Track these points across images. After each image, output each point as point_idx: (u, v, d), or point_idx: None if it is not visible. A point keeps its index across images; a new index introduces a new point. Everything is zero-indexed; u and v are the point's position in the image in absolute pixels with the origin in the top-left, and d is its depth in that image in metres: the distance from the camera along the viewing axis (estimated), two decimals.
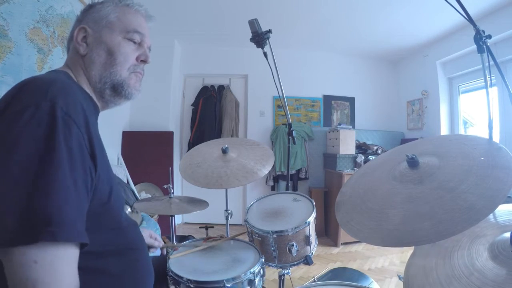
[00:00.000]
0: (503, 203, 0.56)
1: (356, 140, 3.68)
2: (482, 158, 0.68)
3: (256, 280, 0.94)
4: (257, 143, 1.57)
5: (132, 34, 0.69)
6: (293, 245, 1.09)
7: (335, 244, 3.26)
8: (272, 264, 1.15)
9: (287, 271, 1.17)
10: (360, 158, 3.43)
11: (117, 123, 3.36)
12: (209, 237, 1.18)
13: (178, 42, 3.84)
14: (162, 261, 1.00)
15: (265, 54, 1.43)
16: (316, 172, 3.99)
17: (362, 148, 3.75)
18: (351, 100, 4.27)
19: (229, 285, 0.87)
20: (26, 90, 0.51)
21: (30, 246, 0.43)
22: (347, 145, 3.47)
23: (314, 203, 1.23)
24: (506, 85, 0.89)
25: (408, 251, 2.76)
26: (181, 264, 0.97)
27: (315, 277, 1.43)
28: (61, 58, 1.98)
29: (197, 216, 3.56)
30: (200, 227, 2.22)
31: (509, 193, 0.57)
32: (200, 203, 1.41)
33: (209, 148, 1.52)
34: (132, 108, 3.59)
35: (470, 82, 3.36)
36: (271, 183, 3.81)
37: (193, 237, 2.02)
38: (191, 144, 3.70)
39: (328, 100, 4.18)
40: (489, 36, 0.83)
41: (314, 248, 1.18)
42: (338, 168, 3.40)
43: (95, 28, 0.67)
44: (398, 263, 2.68)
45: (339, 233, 3.21)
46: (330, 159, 3.65)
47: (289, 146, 1.57)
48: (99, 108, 0.72)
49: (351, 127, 3.70)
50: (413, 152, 0.77)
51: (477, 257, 0.60)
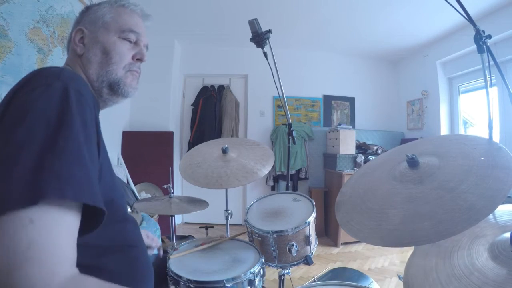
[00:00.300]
0: (503, 203, 0.56)
1: (356, 140, 3.68)
2: (482, 158, 0.68)
3: (256, 280, 0.94)
4: (257, 143, 1.57)
5: (128, 33, 0.71)
6: (293, 245, 1.09)
7: (335, 244, 3.26)
8: (272, 264, 1.14)
9: (287, 271, 1.17)
10: (360, 158, 3.43)
11: (117, 123, 3.36)
12: (209, 237, 1.18)
13: (178, 42, 3.84)
14: (162, 261, 1.00)
15: (265, 54, 1.43)
16: (316, 172, 3.99)
17: (362, 148, 3.75)
18: (351, 100, 4.27)
19: (229, 285, 0.87)
20: (37, 75, 0.52)
21: (30, 207, 0.39)
22: (347, 145, 3.47)
23: (314, 203, 1.22)
24: (506, 85, 0.89)
25: (408, 251, 2.76)
26: (181, 264, 0.97)
27: (315, 277, 1.43)
28: (61, 58, 1.98)
29: (197, 216, 3.56)
30: (200, 227, 2.22)
31: (509, 193, 0.57)
32: (200, 203, 1.41)
33: (209, 148, 1.52)
34: (132, 108, 3.59)
35: (470, 82, 3.36)
36: (271, 183, 3.81)
37: (193, 237, 2.02)
38: (191, 144, 3.71)
39: (328, 100, 4.18)
40: (489, 36, 0.83)
41: (314, 248, 1.18)
42: (338, 168, 3.40)
43: (92, 29, 0.69)
44: (398, 263, 2.68)
45: (339, 233, 3.21)
46: (330, 159, 3.65)
47: (289, 146, 1.57)
48: (99, 107, 0.73)
49: (351, 127, 3.70)
50: (413, 152, 0.77)
51: (477, 257, 0.60)
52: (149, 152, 3.37)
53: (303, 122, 4.07)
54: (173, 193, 1.43)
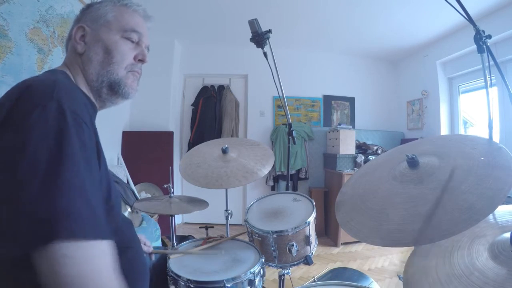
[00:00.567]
0: (503, 203, 0.56)
1: (356, 140, 3.68)
2: (482, 158, 0.68)
3: (256, 280, 0.94)
4: (257, 143, 1.57)
5: (130, 33, 0.69)
6: (293, 245, 1.09)
7: (335, 244, 3.26)
8: (272, 264, 1.14)
9: (287, 271, 1.17)
10: (360, 158, 3.43)
11: (117, 123, 3.36)
12: (209, 237, 1.18)
13: (178, 42, 3.84)
14: (162, 261, 1.00)
15: (265, 54, 1.43)
16: (316, 172, 3.99)
17: (362, 148, 3.75)
18: (351, 100, 4.27)
19: (229, 285, 0.87)
20: (30, 92, 0.50)
21: (62, 243, 0.41)
22: (347, 145, 3.47)
23: (314, 203, 1.22)
24: (506, 85, 0.89)
25: (408, 251, 2.76)
26: (181, 264, 0.97)
27: (315, 277, 1.43)
28: (61, 58, 1.98)
29: (197, 216, 3.56)
30: (200, 227, 2.22)
31: (509, 193, 0.57)
32: (200, 203, 1.41)
33: (209, 148, 1.52)
34: (132, 108, 3.59)
35: (470, 82, 3.36)
36: (271, 183, 3.81)
37: (193, 237, 2.02)
38: (191, 144, 3.70)
39: (328, 100, 4.18)
40: (489, 36, 0.83)
41: (314, 248, 1.18)
42: (338, 168, 3.40)
43: (93, 27, 0.67)
44: (398, 263, 2.68)
45: (339, 233, 3.21)
46: (330, 159, 3.65)
47: (289, 146, 1.56)
48: (97, 107, 0.72)
49: (351, 127, 3.70)
50: (413, 152, 0.77)
51: (477, 257, 0.60)
52: (149, 152, 3.37)
53: (303, 122, 4.07)
54: (173, 193, 1.42)
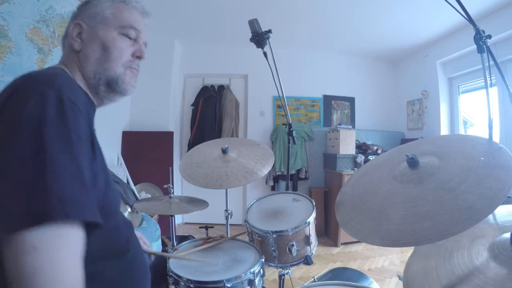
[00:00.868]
0: (503, 203, 0.56)
1: (356, 140, 3.68)
2: (482, 158, 0.68)
3: (256, 280, 0.94)
4: (257, 143, 1.57)
5: (128, 29, 0.69)
6: (293, 245, 1.09)
7: (335, 244, 3.26)
8: (272, 264, 1.14)
9: (287, 271, 1.17)
10: (360, 158, 3.43)
11: (117, 123, 3.36)
12: (209, 237, 1.18)
13: (178, 42, 3.84)
14: (162, 261, 0.99)
15: (265, 54, 1.43)
16: (316, 172, 3.99)
17: (362, 148, 3.74)
18: (351, 100, 4.27)
19: (229, 285, 0.87)
20: (30, 81, 0.51)
21: (31, 230, 0.40)
22: (347, 145, 3.47)
23: (314, 203, 1.22)
24: (506, 85, 0.89)
25: (408, 251, 2.76)
26: (181, 264, 0.97)
27: (315, 277, 1.43)
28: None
29: (197, 216, 3.55)
30: (200, 227, 2.22)
31: (509, 193, 0.57)
32: (200, 203, 1.41)
33: (209, 148, 1.52)
34: (132, 108, 3.59)
35: (470, 82, 3.36)
36: (271, 183, 3.81)
37: (193, 237, 2.02)
38: (191, 144, 3.70)
39: (328, 100, 4.18)
40: (489, 36, 0.83)
41: (314, 248, 1.18)
42: (338, 168, 3.40)
43: (90, 23, 0.67)
44: (398, 263, 2.68)
45: (339, 233, 3.21)
46: (330, 159, 3.65)
47: (289, 146, 1.56)
48: (95, 105, 0.71)
49: (351, 127, 3.70)
50: (413, 152, 0.77)
51: (477, 257, 0.60)
52: (149, 152, 3.37)
53: (303, 122, 4.07)
54: (173, 193, 1.42)
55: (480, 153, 0.70)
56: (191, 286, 0.87)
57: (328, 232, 3.54)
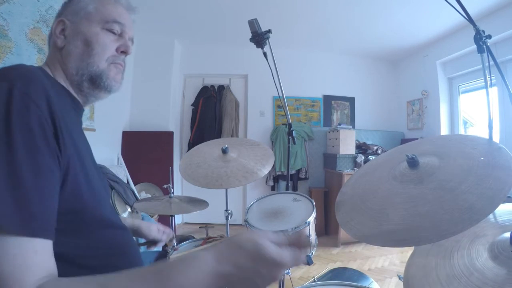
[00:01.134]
0: (503, 203, 0.56)
1: (356, 140, 3.68)
2: (482, 158, 0.68)
3: None
4: (257, 143, 1.57)
5: (111, 24, 0.67)
6: None
7: (335, 244, 3.26)
8: None
9: (287, 271, 1.17)
10: (360, 158, 3.43)
11: (117, 123, 3.36)
12: (209, 237, 1.18)
13: (178, 42, 3.84)
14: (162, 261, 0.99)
15: (265, 54, 1.43)
16: (316, 172, 3.99)
17: (362, 148, 3.75)
18: (351, 100, 4.27)
19: None
20: None
21: None
22: (347, 145, 3.47)
23: (314, 203, 1.22)
24: (506, 85, 0.89)
25: (408, 251, 2.76)
26: None
27: (315, 277, 1.42)
28: None
29: (197, 216, 3.56)
30: (200, 227, 2.22)
31: (509, 193, 0.57)
32: (200, 203, 1.41)
33: (209, 148, 1.52)
34: (132, 108, 3.59)
35: (470, 82, 3.36)
36: (271, 183, 3.81)
37: (193, 237, 2.02)
38: (191, 144, 3.71)
39: (328, 100, 4.18)
40: (489, 36, 0.83)
41: (314, 248, 1.18)
42: (338, 168, 3.40)
43: (74, 20, 0.66)
44: (398, 263, 2.68)
45: (339, 233, 3.21)
46: (330, 159, 3.65)
47: (289, 146, 1.56)
48: (81, 104, 0.70)
49: (351, 127, 3.70)
50: (413, 152, 0.77)
51: (477, 257, 0.60)
52: (149, 152, 3.37)
53: (303, 122, 4.07)
54: (173, 193, 1.42)
55: (480, 153, 0.70)
56: None
57: (328, 232, 3.55)
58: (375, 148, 3.68)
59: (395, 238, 0.63)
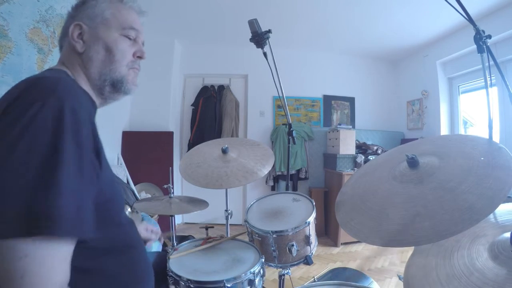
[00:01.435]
0: (503, 203, 0.56)
1: (356, 140, 3.68)
2: (482, 158, 0.68)
3: (256, 280, 0.94)
4: (257, 143, 1.57)
5: (128, 30, 0.70)
6: (293, 245, 1.09)
7: (335, 244, 3.26)
8: (272, 264, 1.14)
9: (287, 271, 1.17)
10: (360, 158, 3.43)
11: (117, 123, 3.36)
12: (209, 237, 1.18)
13: (178, 42, 3.84)
14: (162, 261, 1.00)
15: (265, 54, 1.43)
16: (316, 172, 3.99)
17: (362, 148, 3.74)
18: (351, 100, 4.27)
19: (229, 285, 0.87)
20: (33, 88, 0.50)
21: (23, 240, 0.42)
22: (347, 145, 3.47)
23: (314, 203, 1.22)
24: (506, 85, 0.89)
25: (408, 251, 2.76)
26: (181, 264, 0.97)
27: (315, 277, 1.43)
28: None
29: (197, 216, 3.56)
30: (200, 227, 2.22)
31: (509, 193, 0.57)
32: (200, 203, 1.41)
33: (209, 148, 1.52)
34: (132, 108, 3.59)
35: (470, 82, 3.36)
36: (271, 183, 3.81)
37: (193, 237, 2.02)
38: (191, 144, 3.70)
39: (328, 100, 4.18)
40: (489, 36, 0.83)
41: (314, 248, 1.18)
42: (338, 168, 3.40)
43: (91, 25, 0.67)
44: (398, 263, 2.68)
45: (339, 233, 3.21)
46: (330, 159, 3.65)
47: (289, 146, 1.56)
48: (96, 105, 0.72)
49: (351, 127, 3.70)
50: (413, 152, 0.77)
51: (477, 257, 0.60)
52: (149, 152, 3.37)
53: (303, 122, 4.07)
54: (173, 193, 1.42)
55: (480, 153, 0.70)
56: (191, 286, 0.87)
57: (328, 232, 3.54)
58: (375, 148, 3.68)
59: (395, 238, 0.63)
